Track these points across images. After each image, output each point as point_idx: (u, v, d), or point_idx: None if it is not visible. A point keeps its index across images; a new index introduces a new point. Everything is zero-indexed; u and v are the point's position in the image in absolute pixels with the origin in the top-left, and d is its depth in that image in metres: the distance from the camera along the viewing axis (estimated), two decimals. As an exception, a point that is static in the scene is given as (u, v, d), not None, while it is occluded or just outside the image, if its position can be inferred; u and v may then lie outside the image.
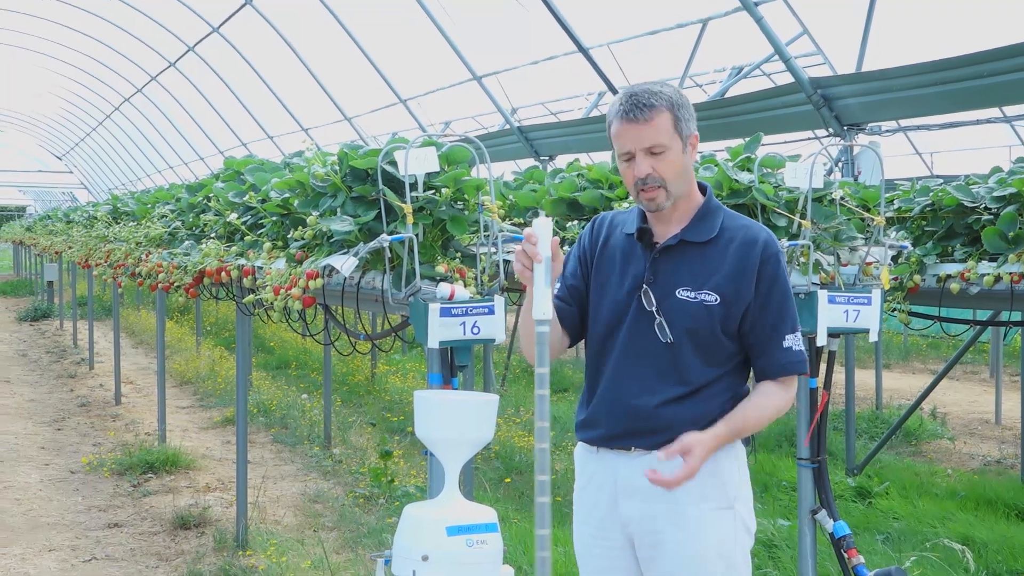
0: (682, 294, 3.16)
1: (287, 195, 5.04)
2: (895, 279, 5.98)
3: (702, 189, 3.30)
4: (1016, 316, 7.06)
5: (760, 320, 3.15)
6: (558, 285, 3.35)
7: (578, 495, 3.40)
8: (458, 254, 4.31)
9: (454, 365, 3.96)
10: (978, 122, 12.95)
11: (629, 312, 3.23)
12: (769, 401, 3.16)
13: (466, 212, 4.28)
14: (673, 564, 3.19)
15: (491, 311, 3.87)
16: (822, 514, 4.56)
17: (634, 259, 3.26)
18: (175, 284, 6.77)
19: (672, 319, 3.16)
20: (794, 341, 3.18)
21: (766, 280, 3.15)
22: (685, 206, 3.24)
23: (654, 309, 3.18)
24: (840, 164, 10.24)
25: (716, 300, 3.14)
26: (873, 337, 4.51)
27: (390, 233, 4.06)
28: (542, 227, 2.81)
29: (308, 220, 4.52)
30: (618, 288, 3.26)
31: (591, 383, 3.33)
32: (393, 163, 4.15)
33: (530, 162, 14.77)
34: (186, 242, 7.03)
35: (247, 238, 5.73)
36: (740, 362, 3.22)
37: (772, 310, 3.16)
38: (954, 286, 5.73)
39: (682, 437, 3.03)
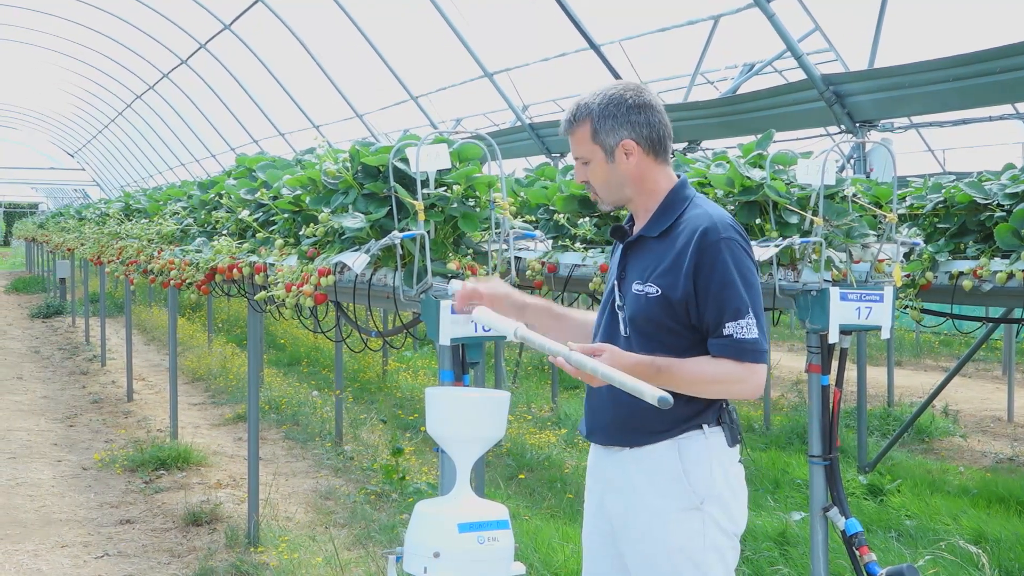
0: (635, 288, 3.21)
1: (299, 192, 5.04)
2: (907, 276, 5.98)
3: (680, 180, 3.30)
4: (1029, 313, 7.04)
5: (704, 310, 3.09)
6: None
7: (586, 485, 3.48)
8: (470, 251, 4.31)
9: (465, 362, 3.96)
10: (991, 119, 12.93)
11: (607, 309, 3.33)
12: (710, 366, 3.08)
13: (477, 209, 4.28)
14: (640, 561, 3.22)
15: (502, 308, 3.87)
16: (834, 511, 4.55)
17: (615, 257, 3.37)
18: (187, 281, 6.78)
19: (629, 313, 3.22)
20: (736, 328, 3.06)
21: (704, 270, 3.08)
22: (647, 203, 3.27)
23: (620, 304, 3.26)
24: (852, 161, 10.23)
25: (656, 292, 3.14)
26: (885, 334, 4.50)
27: (401, 230, 4.06)
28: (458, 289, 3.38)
29: (320, 217, 4.52)
30: (608, 286, 3.38)
31: None
32: (405, 160, 4.15)
33: (542, 159, 14.75)
34: (198, 239, 7.03)
35: (259, 235, 5.73)
36: (704, 352, 3.16)
37: (712, 299, 3.07)
38: (966, 283, 5.72)
39: (604, 345, 3.05)
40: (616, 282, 3.30)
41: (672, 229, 3.18)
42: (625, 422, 3.22)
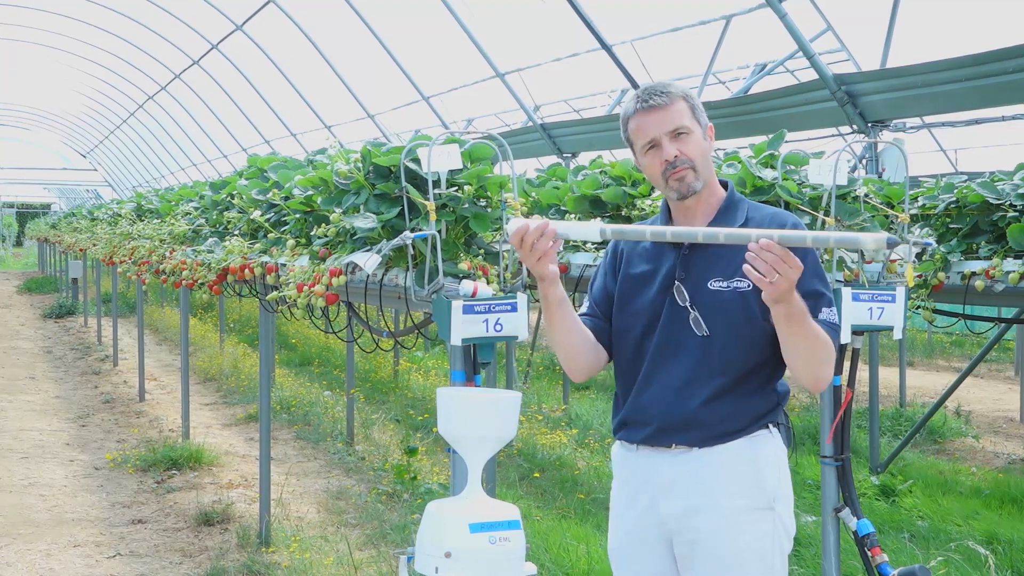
0: (714, 285, 3.16)
1: (310, 192, 5.05)
2: (919, 276, 5.96)
3: (724, 185, 3.32)
4: (1042, 314, 7.02)
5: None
6: (586, 303, 3.46)
7: (615, 493, 3.40)
8: (481, 251, 4.31)
9: (477, 362, 3.96)
10: (1003, 119, 12.90)
11: (663, 311, 3.23)
12: (830, 342, 3.07)
13: (489, 209, 4.28)
14: (710, 563, 3.17)
15: (514, 308, 3.87)
16: (846, 512, 4.54)
17: (663, 259, 3.26)
18: (199, 281, 6.80)
19: (706, 311, 3.16)
20: (830, 315, 3.11)
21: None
22: (709, 199, 3.25)
23: (687, 304, 3.18)
24: (864, 161, 10.21)
25: (749, 285, 3.09)
26: (897, 335, 4.49)
27: (413, 230, 4.07)
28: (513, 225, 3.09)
29: (331, 217, 4.52)
30: (649, 289, 3.27)
31: (627, 384, 3.32)
32: (416, 160, 4.15)
33: (553, 159, 14.75)
34: (210, 239, 7.05)
35: (270, 235, 5.74)
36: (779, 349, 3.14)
37: (804, 287, 3.02)
38: (979, 283, 5.71)
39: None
40: (677, 283, 3.21)
41: (747, 224, 3.19)
42: (699, 422, 3.17)
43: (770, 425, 3.20)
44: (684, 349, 3.19)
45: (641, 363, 3.28)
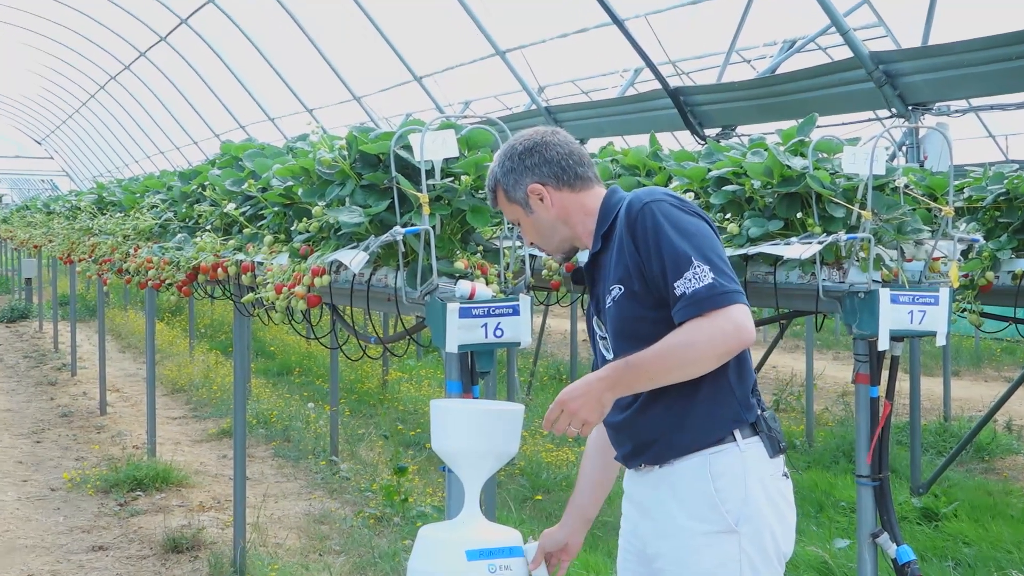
0: (607, 304, 3.30)
1: (290, 183, 5.05)
2: (965, 276, 5.96)
3: (608, 190, 3.44)
4: (1101, 318, 7.01)
5: (655, 279, 3.15)
6: None
7: (622, 509, 3.54)
8: (479, 248, 4.32)
9: (475, 371, 3.97)
10: (1058, 101, 12.90)
11: (596, 349, 3.48)
12: (674, 336, 3.07)
13: (488, 202, 4.29)
14: None
15: (516, 312, 3.88)
16: (884, 538, 4.55)
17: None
18: (166, 281, 6.80)
19: (609, 333, 3.33)
20: (685, 284, 3.07)
21: (640, 243, 3.16)
22: (588, 228, 3.39)
23: (602, 336, 3.39)
24: (904, 148, 10.22)
25: (620, 289, 3.23)
26: (941, 341, 4.49)
27: (404, 225, 4.07)
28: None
29: (313, 211, 4.53)
30: (589, 330, 3.53)
31: None
32: (407, 148, 4.16)
33: (558, 146, 14.74)
34: (179, 235, 7.05)
35: (246, 231, 5.74)
36: None
37: (655, 265, 3.13)
38: (1031, 284, 5.71)
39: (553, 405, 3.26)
40: (596, 316, 3.41)
41: (610, 232, 3.29)
42: (651, 439, 3.27)
43: (738, 436, 3.21)
44: None
45: None
